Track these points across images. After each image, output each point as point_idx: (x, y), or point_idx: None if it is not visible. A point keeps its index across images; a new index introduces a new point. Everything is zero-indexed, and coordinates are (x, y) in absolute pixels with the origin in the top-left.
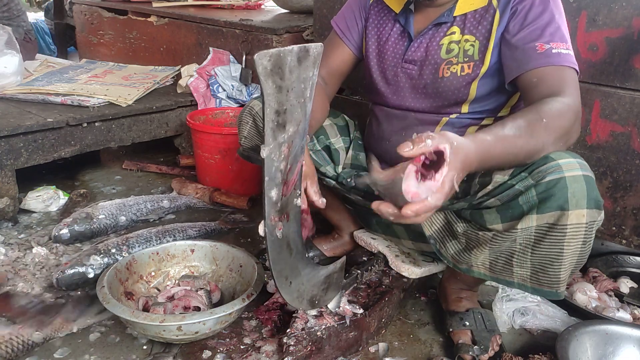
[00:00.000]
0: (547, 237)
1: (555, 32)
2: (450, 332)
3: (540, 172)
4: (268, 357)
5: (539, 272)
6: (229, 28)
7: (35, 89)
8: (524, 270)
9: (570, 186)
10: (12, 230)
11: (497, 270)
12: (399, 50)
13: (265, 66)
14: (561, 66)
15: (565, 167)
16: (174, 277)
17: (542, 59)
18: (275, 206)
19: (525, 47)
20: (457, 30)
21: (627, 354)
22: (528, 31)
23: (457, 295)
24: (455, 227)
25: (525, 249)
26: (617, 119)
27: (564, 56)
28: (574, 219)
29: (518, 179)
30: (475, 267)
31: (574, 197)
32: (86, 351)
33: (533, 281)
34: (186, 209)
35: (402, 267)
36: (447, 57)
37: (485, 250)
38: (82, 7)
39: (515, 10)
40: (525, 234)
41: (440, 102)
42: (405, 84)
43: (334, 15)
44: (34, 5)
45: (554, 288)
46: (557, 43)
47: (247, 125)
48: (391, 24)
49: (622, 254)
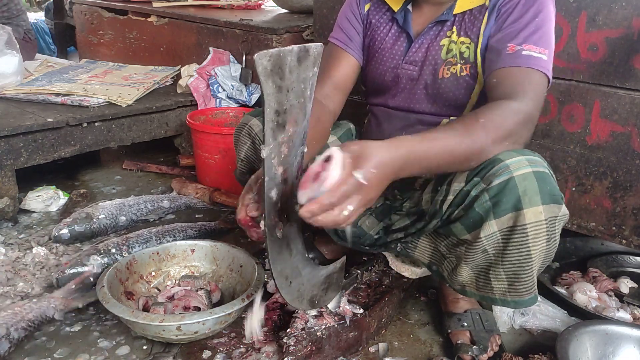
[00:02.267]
0: (512, 241)
1: (531, 35)
2: (449, 333)
3: (490, 175)
4: (268, 357)
5: (514, 282)
6: (229, 28)
7: (35, 89)
8: (500, 283)
9: (520, 185)
10: (12, 230)
11: (480, 287)
12: (398, 51)
13: (265, 66)
14: (527, 68)
15: (513, 166)
16: (174, 277)
17: (509, 59)
18: (275, 206)
19: (498, 48)
20: (455, 30)
21: (627, 354)
22: (505, 33)
23: (455, 296)
24: (440, 248)
25: (497, 259)
26: (617, 119)
27: (534, 59)
28: (531, 217)
29: (472, 184)
30: (467, 288)
31: (525, 195)
32: (86, 351)
33: (512, 293)
34: (186, 209)
35: (402, 267)
36: (447, 57)
37: (464, 266)
38: (82, 7)
39: (499, 12)
40: (492, 241)
41: (441, 103)
42: (406, 86)
43: (334, 15)
44: (34, 5)
45: (532, 293)
46: (530, 45)
47: (245, 147)
48: (389, 25)
49: (622, 254)
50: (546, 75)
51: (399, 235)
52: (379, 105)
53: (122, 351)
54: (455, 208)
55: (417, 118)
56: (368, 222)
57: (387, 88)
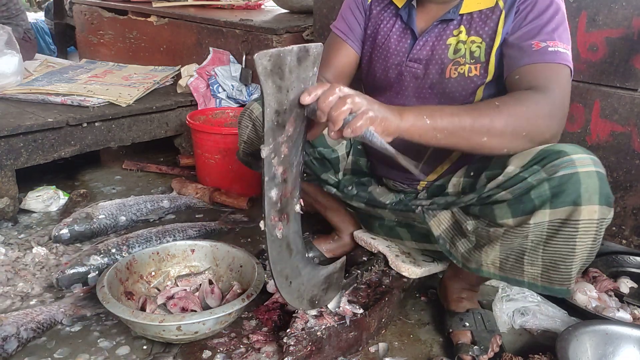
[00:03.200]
0: (560, 233)
1: (553, 31)
2: (450, 333)
3: (553, 166)
4: (268, 357)
5: (550, 270)
6: (229, 28)
7: (35, 89)
8: (535, 268)
9: (583, 181)
10: (12, 230)
11: (507, 269)
12: (402, 48)
13: (265, 66)
14: (554, 64)
15: (579, 162)
16: (174, 277)
17: (536, 56)
18: (275, 206)
19: (521, 44)
20: (463, 30)
21: (627, 354)
22: (526, 30)
23: (458, 295)
24: (464, 226)
25: (537, 246)
26: (617, 119)
27: (561, 54)
28: (586, 215)
29: (530, 171)
30: (484, 267)
31: (586, 192)
32: (86, 351)
33: (544, 279)
34: (186, 209)
35: (402, 267)
36: (455, 57)
37: (496, 247)
38: (82, 7)
39: (518, 10)
40: (538, 229)
41: (446, 102)
42: (410, 84)
43: (334, 15)
44: (34, 5)
45: (565, 285)
46: (555, 42)
47: (247, 130)
48: (392, 20)
49: (622, 254)
50: (570, 69)
51: (424, 202)
52: None
53: (122, 351)
54: (501, 190)
55: None
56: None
57: (390, 85)
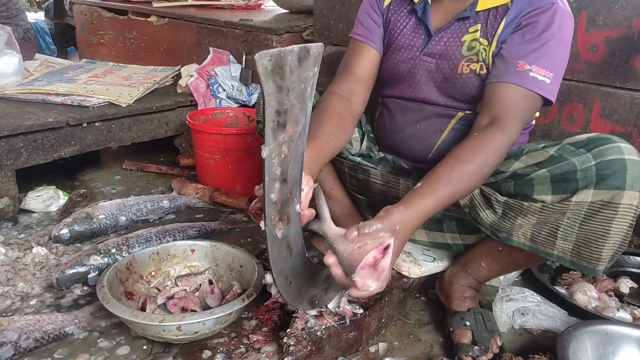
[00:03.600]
0: (599, 214)
1: (542, 57)
2: (451, 332)
3: (601, 150)
4: (268, 357)
5: (581, 247)
6: (229, 28)
7: (35, 89)
8: (567, 243)
9: (629, 168)
10: (12, 230)
11: (538, 241)
12: (417, 43)
13: (266, 66)
14: (526, 90)
15: (625, 150)
16: (174, 277)
17: (515, 76)
18: (276, 206)
19: (509, 59)
20: (479, 28)
21: (627, 354)
22: (519, 47)
23: (462, 294)
24: (493, 197)
25: (573, 223)
26: (617, 119)
27: (537, 82)
28: (626, 200)
29: (574, 154)
30: (515, 237)
31: (631, 178)
32: (86, 351)
33: (573, 254)
34: (186, 209)
35: (402, 266)
36: (469, 54)
37: (532, 220)
38: (82, 7)
39: (519, 24)
40: (578, 208)
41: (457, 97)
42: (422, 76)
43: (334, 15)
44: (34, 5)
45: (592, 264)
46: (539, 68)
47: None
48: (408, 17)
49: (622, 253)
50: (544, 97)
51: None
52: (392, 97)
53: (122, 351)
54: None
55: (432, 110)
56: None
57: (402, 79)
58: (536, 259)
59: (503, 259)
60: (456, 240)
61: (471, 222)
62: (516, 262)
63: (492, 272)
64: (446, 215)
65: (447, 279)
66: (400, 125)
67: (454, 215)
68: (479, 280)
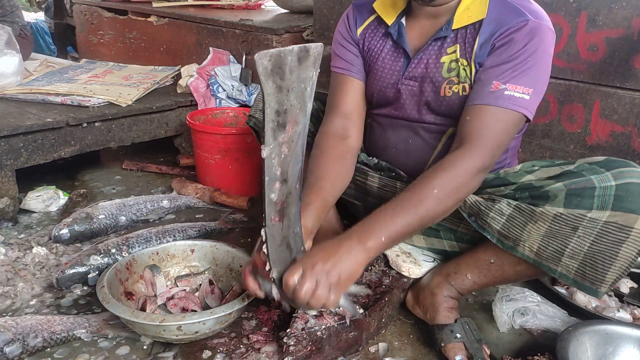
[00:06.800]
0: (611, 235)
1: (519, 75)
2: (442, 347)
3: (621, 172)
4: (268, 357)
5: (587, 266)
6: (229, 28)
7: (35, 89)
8: (573, 261)
9: None
10: (12, 230)
11: (544, 256)
12: (397, 67)
13: (266, 66)
14: (502, 109)
15: None
16: (174, 277)
17: (489, 97)
18: (276, 206)
19: (485, 81)
20: (457, 49)
21: (627, 354)
22: (495, 68)
23: (447, 304)
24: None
25: (583, 242)
26: (617, 119)
27: (515, 99)
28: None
29: (592, 171)
30: (521, 247)
31: None
32: (86, 351)
33: (577, 273)
34: (186, 209)
35: (403, 267)
36: (449, 76)
37: (542, 229)
38: (82, 7)
39: (494, 46)
40: (591, 225)
41: (446, 115)
42: (407, 99)
43: (334, 15)
44: (34, 5)
45: (595, 285)
46: (515, 85)
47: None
48: (383, 40)
49: None
50: (524, 114)
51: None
52: (381, 115)
53: (122, 351)
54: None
55: (422, 127)
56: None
57: (389, 102)
58: (527, 275)
59: (492, 272)
60: (454, 248)
61: (465, 234)
62: (505, 277)
63: (476, 285)
64: (441, 225)
65: (429, 290)
66: (392, 141)
67: (448, 227)
68: (460, 292)
